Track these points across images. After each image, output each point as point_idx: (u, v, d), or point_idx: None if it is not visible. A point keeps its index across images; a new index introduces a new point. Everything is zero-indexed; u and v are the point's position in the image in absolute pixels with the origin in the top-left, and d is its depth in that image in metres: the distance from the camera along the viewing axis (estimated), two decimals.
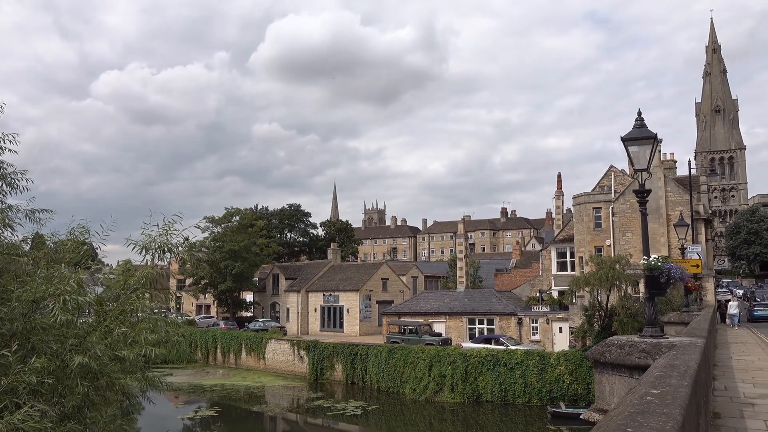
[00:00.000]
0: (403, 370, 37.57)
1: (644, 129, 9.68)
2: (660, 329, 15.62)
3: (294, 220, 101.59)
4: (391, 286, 58.85)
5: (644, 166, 9.68)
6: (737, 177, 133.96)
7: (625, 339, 8.94)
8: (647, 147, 9.61)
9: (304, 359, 44.80)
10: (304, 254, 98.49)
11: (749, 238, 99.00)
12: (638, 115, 9.89)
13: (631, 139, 9.66)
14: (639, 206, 9.83)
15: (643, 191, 9.72)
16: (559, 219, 51.62)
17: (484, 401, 34.26)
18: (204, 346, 53.72)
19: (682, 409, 3.57)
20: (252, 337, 49.87)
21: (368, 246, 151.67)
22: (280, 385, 42.77)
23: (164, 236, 9.43)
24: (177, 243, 9.96)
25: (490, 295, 45.56)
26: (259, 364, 48.61)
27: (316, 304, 59.37)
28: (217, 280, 62.71)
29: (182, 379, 45.47)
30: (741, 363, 15.83)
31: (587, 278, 32.77)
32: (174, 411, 34.61)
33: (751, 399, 10.37)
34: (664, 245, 37.54)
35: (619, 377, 8.51)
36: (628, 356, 8.30)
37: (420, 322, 43.49)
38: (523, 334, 41.19)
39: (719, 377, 13.04)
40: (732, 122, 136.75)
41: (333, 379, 42.54)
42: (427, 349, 37.43)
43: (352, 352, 41.50)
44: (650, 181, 39.62)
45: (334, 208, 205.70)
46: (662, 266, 9.16)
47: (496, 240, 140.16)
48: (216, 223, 65.12)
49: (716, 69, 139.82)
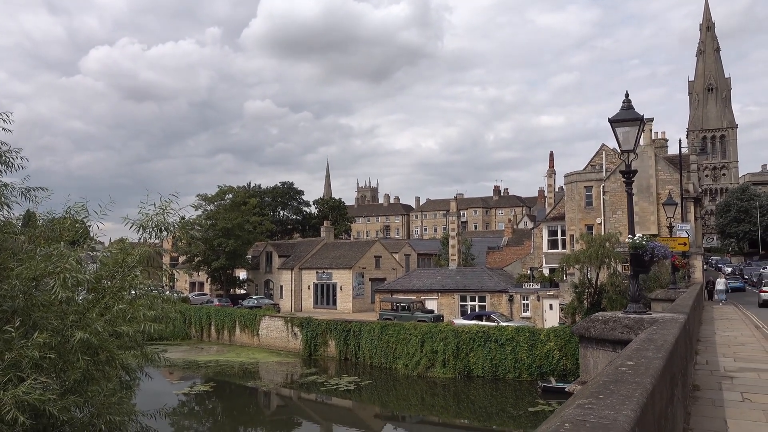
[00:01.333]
0: (395, 347, 38.10)
1: (631, 111, 9.88)
2: (645, 306, 16.05)
3: (287, 197, 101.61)
4: (384, 264, 59.26)
5: (631, 147, 9.90)
6: (728, 155, 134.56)
7: (609, 315, 9.24)
8: (634, 128, 9.82)
9: (298, 336, 45.26)
10: (297, 232, 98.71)
11: (739, 216, 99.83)
12: (626, 96, 10.07)
13: (618, 121, 9.85)
14: (625, 186, 10.07)
15: (629, 172, 9.95)
16: (551, 197, 51.95)
17: (475, 376, 34.85)
18: (198, 323, 54.12)
19: (654, 378, 3.82)
20: (246, 314, 50.27)
21: (361, 224, 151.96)
22: (274, 361, 43.27)
23: (161, 215, 9.60)
24: (173, 222, 10.15)
25: (481, 272, 46.04)
26: (253, 340, 49.09)
27: (310, 282, 59.77)
28: (211, 257, 62.93)
29: (177, 355, 45.87)
30: (724, 338, 16.27)
31: (577, 256, 33.22)
32: (169, 387, 35.06)
33: (731, 372, 10.75)
34: (653, 223, 37.97)
35: (603, 351, 8.82)
36: (612, 331, 8.61)
37: (412, 299, 43.96)
38: (514, 311, 41.76)
39: (702, 352, 13.44)
40: (724, 101, 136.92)
41: (326, 356, 43.07)
42: (419, 325, 37.92)
43: (345, 328, 41.98)
44: (641, 160, 39.82)
45: (327, 186, 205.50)
46: (646, 244, 9.44)
47: (488, 218, 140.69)
48: (209, 201, 65.16)
49: (710, 47, 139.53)
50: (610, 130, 10.58)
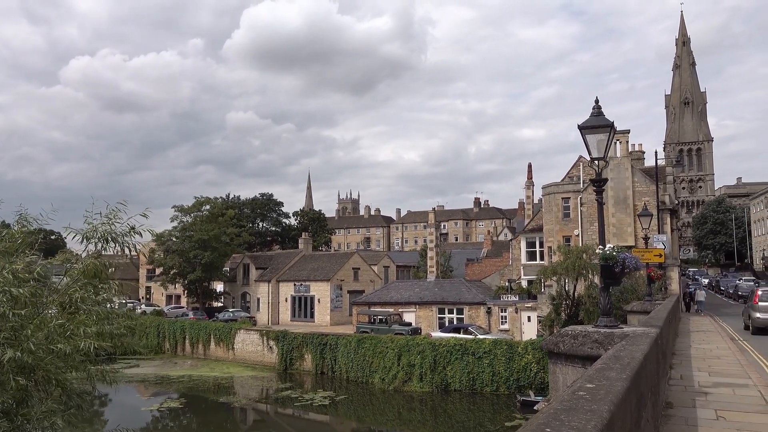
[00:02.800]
0: (372, 360, 37.49)
1: (602, 117, 9.57)
2: (622, 319, 15.63)
3: (266, 209, 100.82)
4: (363, 276, 58.69)
5: (602, 155, 9.59)
6: (704, 168, 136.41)
7: (579, 329, 8.86)
8: (605, 135, 9.51)
9: (274, 349, 44.45)
10: (276, 244, 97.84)
11: (715, 228, 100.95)
12: (596, 102, 9.76)
13: (588, 128, 9.53)
14: (596, 195, 9.75)
15: (599, 180, 9.63)
16: (530, 209, 51.89)
17: (452, 390, 34.35)
18: (172, 336, 52.97)
19: (613, 405, 3.40)
20: (221, 327, 49.32)
21: (342, 236, 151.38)
22: (248, 375, 42.39)
23: (107, 225, 9.04)
24: (122, 232, 9.59)
25: (459, 284, 45.67)
26: (228, 354, 48.12)
27: (287, 294, 58.96)
28: (186, 269, 61.87)
29: (149, 370, 44.85)
30: (699, 352, 16.01)
31: (555, 268, 33.02)
32: (140, 403, 34.03)
33: (705, 388, 10.42)
34: (630, 235, 37.95)
35: (572, 368, 8.43)
36: (581, 347, 8.22)
37: (390, 311, 43.43)
38: (492, 324, 41.40)
39: (676, 366, 13.13)
40: (700, 114, 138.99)
41: (302, 369, 42.30)
42: (396, 338, 37.39)
43: (321, 342, 41.29)
44: (618, 172, 39.82)
45: (309, 198, 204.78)
46: (617, 256, 9.10)
47: (469, 229, 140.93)
48: (185, 212, 64.16)
49: (686, 62, 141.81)
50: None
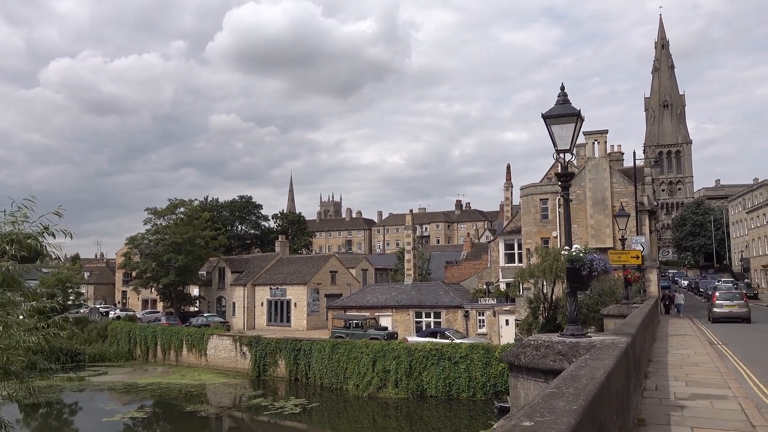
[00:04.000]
0: (346, 366, 36.48)
1: (567, 105, 8.72)
2: (599, 323, 14.78)
3: (245, 212, 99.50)
4: (340, 279, 57.66)
5: (567, 147, 8.74)
6: (684, 170, 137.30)
7: (544, 338, 7.99)
8: (570, 125, 8.66)
9: (247, 355, 43.26)
10: (256, 247, 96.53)
11: (694, 230, 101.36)
12: (561, 90, 8.92)
13: (552, 117, 8.68)
14: (561, 191, 8.89)
15: (565, 175, 8.78)
16: (509, 211, 51.25)
17: (428, 396, 33.45)
18: (143, 342, 51.54)
19: None
20: (193, 333, 48.00)
21: (323, 238, 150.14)
22: (220, 382, 41.14)
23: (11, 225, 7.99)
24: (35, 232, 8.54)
25: (437, 287, 44.83)
26: (200, 361, 46.82)
27: (263, 298, 57.76)
28: (160, 273, 60.39)
29: (117, 377, 43.46)
30: (677, 358, 15.27)
31: (532, 270, 32.31)
32: (103, 413, 32.65)
33: (681, 400, 9.61)
34: (609, 236, 37.38)
35: (534, 382, 7.55)
36: (543, 359, 7.36)
37: (366, 315, 42.45)
38: (469, 327, 40.61)
39: (652, 374, 12.33)
40: (679, 117, 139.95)
41: (276, 376, 41.17)
42: (371, 343, 36.42)
43: (295, 347, 40.21)
44: (596, 173, 39.09)
45: (291, 201, 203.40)
46: (584, 257, 8.24)
47: (450, 232, 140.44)
48: (158, 214, 62.66)
49: (664, 65, 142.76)
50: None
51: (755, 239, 71.97)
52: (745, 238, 78.95)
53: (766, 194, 71.14)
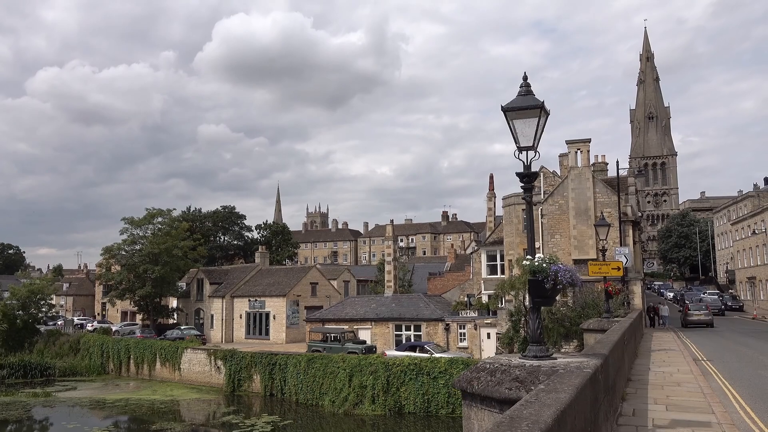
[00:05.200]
0: (322, 381, 35.19)
1: (530, 97, 7.74)
2: (580, 337, 13.80)
3: (228, 222, 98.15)
4: (321, 291, 56.41)
5: (530, 144, 7.75)
6: (669, 182, 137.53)
7: (503, 361, 6.94)
8: (533, 120, 7.69)
9: (221, 370, 41.84)
10: (239, 258, 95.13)
11: (680, 241, 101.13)
12: (524, 80, 7.94)
13: (513, 110, 7.69)
14: (524, 193, 7.89)
15: (529, 175, 7.79)
16: (492, 221, 50.35)
17: (406, 413, 32.22)
18: (116, 356, 49.94)
19: None
20: (167, 346, 46.47)
21: (308, 250, 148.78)
22: (193, 398, 39.67)
23: None
24: None
25: (418, 300, 43.71)
26: (174, 375, 45.30)
27: (242, 311, 56.34)
28: (136, 285, 58.86)
29: (86, 393, 41.88)
30: (658, 376, 14.28)
31: (513, 282, 31.32)
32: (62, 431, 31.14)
33: (661, 429, 8.60)
34: (592, 248, 36.53)
35: (488, 413, 6.49)
36: (498, 387, 6.30)
37: (344, 328, 41.21)
38: (450, 341, 39.51)
39: (630, 396, 11.32)
40: (664, 129, 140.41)
41: (251, 391, 39.76)
42: (348, 357, 35.19)
43: (270, 361, 38.87)
44: (579, 182, 38.11)
45: (278, 212, 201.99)
46: (547, 268, 7.25)
47: (437, 243, 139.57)
48: (136, 224, 61.19)
49: (649, 77, 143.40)
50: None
51: (740, 251, 71.63)
52: (730, 249, 78.65)
53: (750, 206, 70.90)
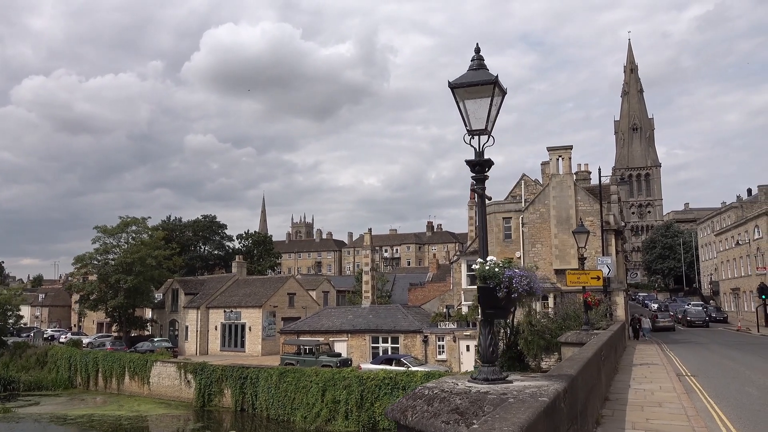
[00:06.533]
0: (294, 396, 33.72)
1: (483, 72, 6.53)
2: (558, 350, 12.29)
3: (209, 232, 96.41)
4: (298, 302, 54.90)
5: (482, 127, 6.56)
6: (653, 193, 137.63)
7: (446, 385, 5.66)
8: (486, 98, 6.50)
9: (191, 384, 40.19)
10: (220, 268, 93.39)
11: (664, 252, 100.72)
12: (476, 52, 6.76)
13: (462, 86, 6.49)
14: (475, 185, 6.70)
15: (480, 163, 6.60)
16: (473, 230, 49.23)
17: (381, 429, 30.79)
18: (84, 369, 48.04)
19: None
20: (136, 359, 44.71)
21: (292, 260, 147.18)
22: (160, 413, 37.98)
23: None
24: None
25: (396, 311, 42.35)
26: (143, 389, 43.53)
27: (217, 322, 54.62)
28: (108, 295, 57.03)
29: (48, 408, 40.02)
30: (639, 395, 13.08)
31: None
32: None
33: None
34: (574, 257, 35.42)
35: None
36: (433, 419, 5.01)
37: (318, 341, 39.77)
38: (428, 353, 38.20)
39: (606, 420, 10.09)
40: (648, 140, 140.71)
41: (222, 406, 38.15)
42: (321, 371, 33.74)
43: (241, 375, 37.31)
44: (560, 189, 36.88)
45: (263, 222, 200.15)
46: (500, 273, 5.99)
47: (421, 254, 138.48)
48: (108, 233, 59.40)
49: (633, 88, 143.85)
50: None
51: (724, 262, 71.13)
52: (714, 261, 78.17)
53: (734, 217, 70.47)
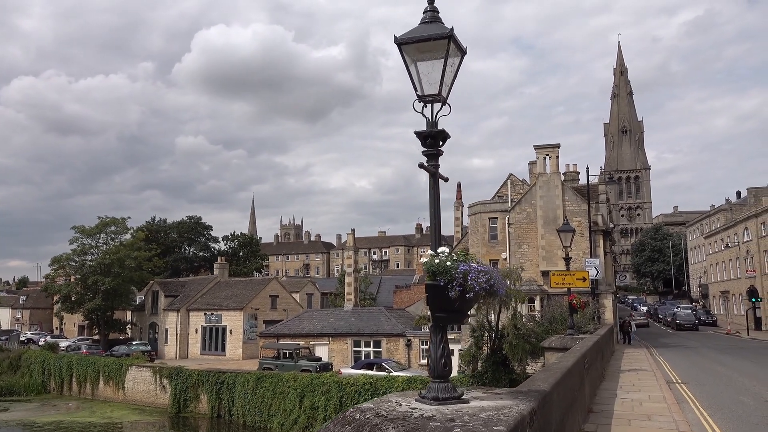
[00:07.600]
0: (271, 402, 32.47)
1: (436, 25, 5.38)
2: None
3: (194, 233, 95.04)
4: (281, 304, 53.62)
5: (436, 91, 5.40)
6: (642, 196, 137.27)
7: (385, 407, 4.48)
8: (440, 56, 5.36)
9: (167, 389, 38.83)
10: (206, 270, 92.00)
11: (653, 255, 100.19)
12: (429, 3, 5.63)
13: (411, 42, 5.35)
14: (427, 161, 5.56)
15: (431, 134, 5.44)
16: (459, 231, 48.25)
17: None
18: (58, 374, 46.51)
19: None
20: (111, 363, 43.24)
21: (280, 262, 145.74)
22: (133, 420, 36.60)
23: None
24: None
25: (378, 314, 41.14)
26: (117, 394, 42.09)
27: (198, 325, 53.23)
28: (86, 297, 55.52)
29: (17, 414, 38.52)
30: (626, 406, 11.98)
31: None
32: None
33: None
34: (561, 258, 34.43)
35: None
36: None
37: (298, 344, 38.52)
38: (411, 358, 37.04)
39: None
40: (638, 143, 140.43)
41: (198, 412, 36.81)
42: (299, 376, 32.52)
43: (218, 380, 35.99)
44: (548, 189, 35.69)
45: (252, 224, 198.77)
46: (452, 268, 4.80)
47: (410, 256, 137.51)
48: (86, 233, 57.88)
49: (623, 91, 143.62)
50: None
51: (713, 264, 70.53)
52: (703, 263, 77.58)
53: (723, 219, 69.85)
